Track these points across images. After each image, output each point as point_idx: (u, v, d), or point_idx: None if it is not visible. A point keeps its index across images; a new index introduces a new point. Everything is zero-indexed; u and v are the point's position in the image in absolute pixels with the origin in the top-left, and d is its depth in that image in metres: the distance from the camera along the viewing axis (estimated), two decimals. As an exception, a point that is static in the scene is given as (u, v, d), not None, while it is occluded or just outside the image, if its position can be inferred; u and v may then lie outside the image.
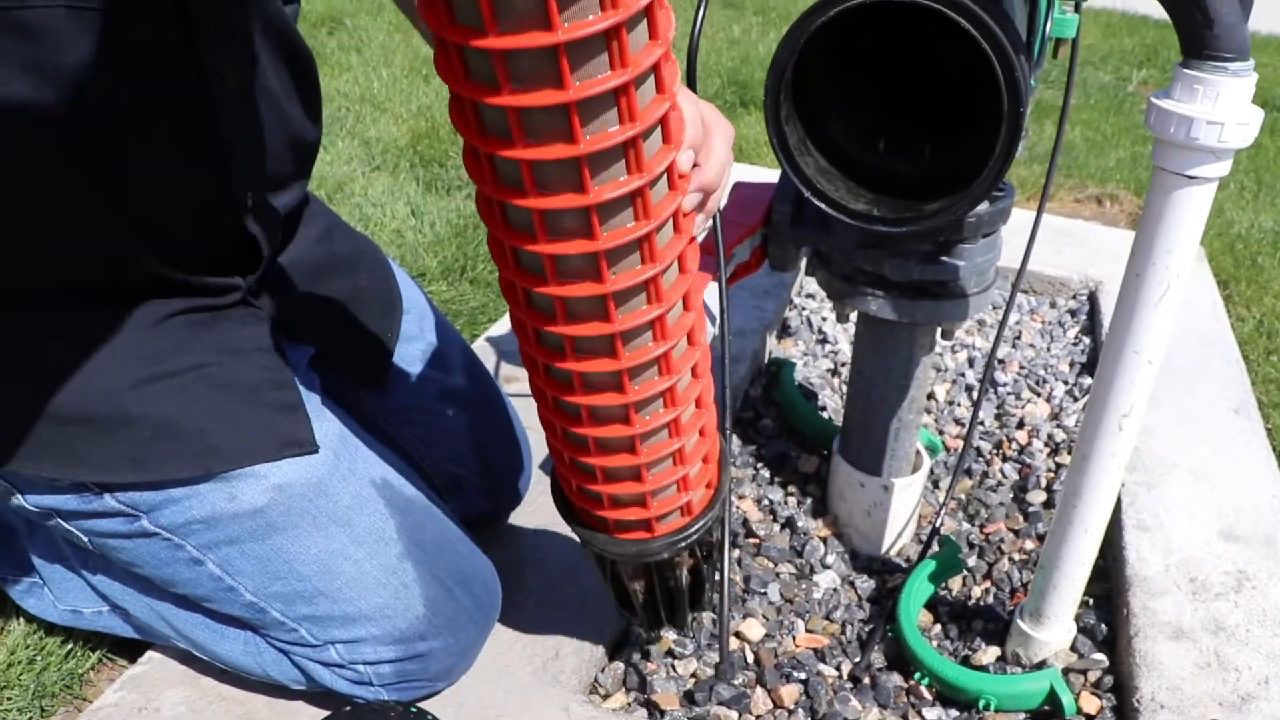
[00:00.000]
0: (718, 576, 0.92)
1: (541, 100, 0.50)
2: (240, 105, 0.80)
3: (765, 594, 1.18)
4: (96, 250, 0.79)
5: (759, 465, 1.40)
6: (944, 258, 1.04)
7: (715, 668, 1.05)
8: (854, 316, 1.16)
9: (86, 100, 0.71)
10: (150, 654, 1.02)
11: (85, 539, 0.88)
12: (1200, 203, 0.79)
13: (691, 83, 0.90)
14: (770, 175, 1.00)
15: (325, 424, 0.89)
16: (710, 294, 1.01)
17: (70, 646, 1.09)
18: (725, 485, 0.83)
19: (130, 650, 1.08)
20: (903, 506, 1.24)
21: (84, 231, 0.78)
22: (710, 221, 0.71)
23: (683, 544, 0.80)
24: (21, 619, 1.11)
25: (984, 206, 1.02)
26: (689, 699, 1.02)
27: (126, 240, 0.79)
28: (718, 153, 0.67)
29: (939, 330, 1.14)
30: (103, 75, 0.70)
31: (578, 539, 0.83)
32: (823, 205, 0.93)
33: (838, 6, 0.82)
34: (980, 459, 1.45)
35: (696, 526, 0.80)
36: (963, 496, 1.37)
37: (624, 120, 0.53)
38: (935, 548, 1.19)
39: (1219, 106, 0.75)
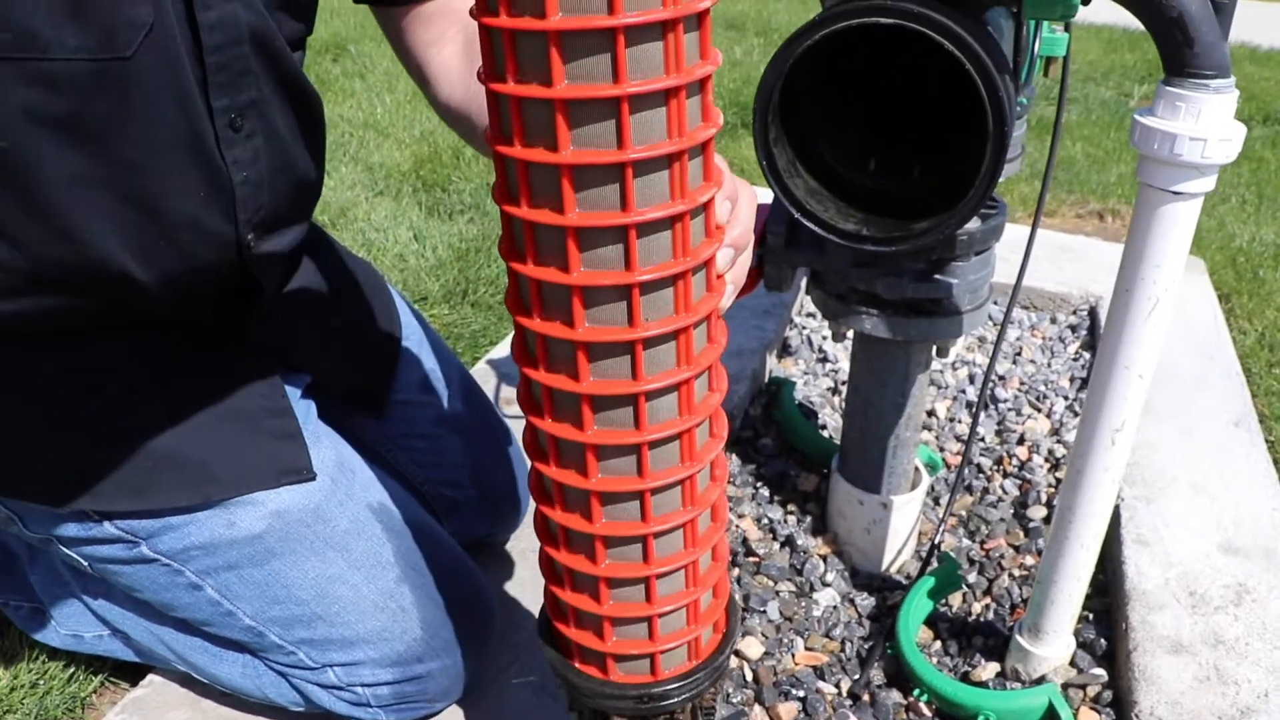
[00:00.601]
0: None
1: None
2: (248, 150, 0.82)
3: (764, 612, 1.18)
4: (99, 291, 0.80)
5: (758, 484, 1.41)
6: (937, 275, 1.05)
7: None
8: (851, 335, 1.17)
9: (100, 148, 0.72)
10: (151, 677, 1.03)
11: (85, 563, 0.89)
12: (1186, 218, 0.80)
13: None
14: (765, 196, 1.00)
15: (323, 451, 0.90)
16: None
17: (72, 670, 1.09)
18: (735, 631, 0.74)
19: (132, 674, 1.09)
20: (902, 523, 1.24)
21: (86, 263, 0.79)
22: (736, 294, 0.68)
23: (689, 692, 0.70)
24: (24, 644, 1.12)
25: (975, 224, 1.03)
26: (688, 718, 1.02)
27: (129, 272, 0.81)
28: (745, 214, 0.67)
29: (934, 348, 1.15)
30: (119, 124, 0.72)
31: (566, 693, 0.74)
32: (812, 226, 0.93)
33: (823, 30, 0.83)
34: (981, 475, 1.45)
35: (704, 672, 0.71)
36: (963, 513, 1.37)
37: (671, 135, 0.51)
38: (934, 564, 1.19)
39: (1201, 123, 0.76)
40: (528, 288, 0.56)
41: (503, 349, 1.64)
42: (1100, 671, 1.08)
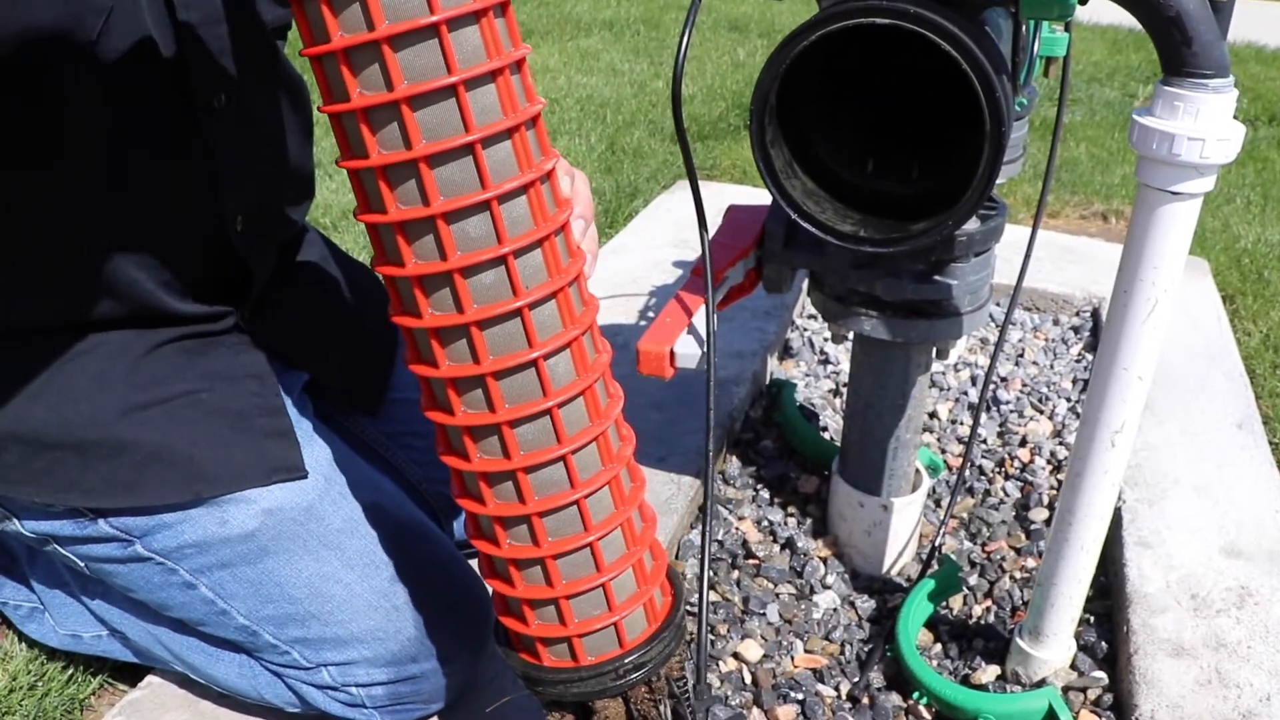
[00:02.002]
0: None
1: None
2: (231, 130, 0.82)
3: (764, 614, 1.18)
4: (89, 278, 0.80)
5: (759, 486, 1.40)
6: (937, 277, 1.05)
7: (693, 689, 1.05)
8: (851, 337, 1.17)
9: (83, 134, 0.72)
10: (150, 678, 1.03)
11: (82, 564, 0.89)
12: (1185, 219, 0.80)
13: (676, 105, 0.92)
14: (763, 198, 1.00)
15: (316, 449, 0.90)
16: (698, 318, 1.01)
17: (71, 672, 1.09)
18: (683, 592, 0.77)
19: (131, 675, 1.09)
20: (903, 526, 1.24)
21: (79, 260, 0.79)
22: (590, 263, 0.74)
23: (659, 653, 0.73)
24: (23, 644, 1.12)
25: (974, 225, 1.02)
26: (685, 720, 1.02)
27: (120, 266, 0.81)
28: (583, 189, 0.74)
29: (934, 349, 1.15)
30: (100, 110, 0.72)
31: (543, 698, 0.75)
32: (810, 227, 0.93)
33: (819, 31, 0.83)
34: (982, 477, 1.45)
35: (668, 631, 0.74)
36: (964, 515, 1.37)
37: (506, 113, 0.57)
38: (935, 566, 1.19)
39: (1200, 122, 0.75)
40: (410, 288, 0.59)
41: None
42: (1101, 674, 1.08)
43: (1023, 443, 1.52)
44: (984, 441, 1.53)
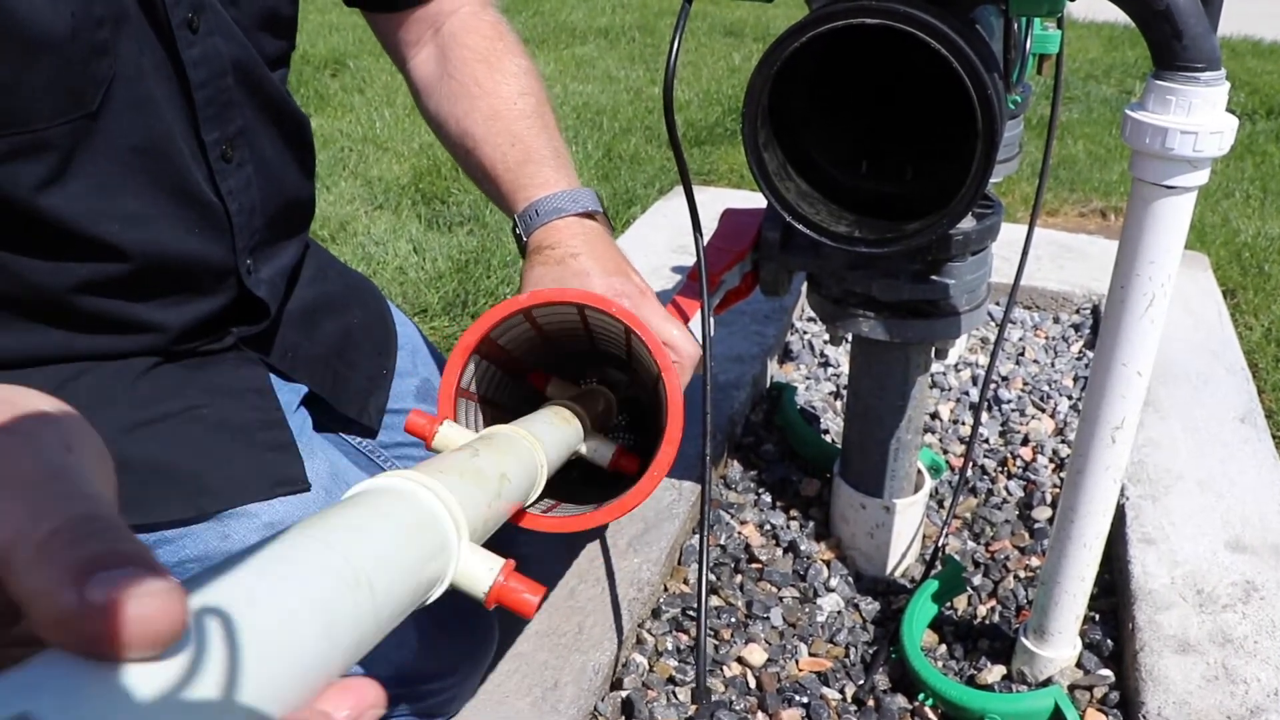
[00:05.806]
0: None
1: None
2: (240, 179, 0.82)
3: (768, 619, 1.17)
4: (99, 329, 0.80)
5: (760, 490, 1.40)
6: (934, 277, 1.05)
7: (692, 693, 1.05)
8: (850, 338, 1.16)
9: (98, 203, 0.72)
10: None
11: (83, 581, 0.89)
12: (1180, 213, 0.80)
13: (669, 109, 0.91)
14: (759, 201, 1.00)
15: (317, 462, 0.90)
16: (695, 322, 1.01)
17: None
18: None
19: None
20: (905, 527, 1.24)
21: (95, 311, 0.79)
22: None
23: None
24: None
25: (970, 224, 1.02)
26: (691, 727, 1.02)
27: (131, 318, 0.81)
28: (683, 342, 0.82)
29: (933, 349, 1.14)
30: (110, 178, 0.72)
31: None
32: (804, 229, 0.93)
33: (810, 32, 0.83)
34: (985, 477, 1.45)
35: None
36: (967, 515, 1.36)
37: None
38: (939, 567, 1.18)
39: (1192, 116, 0.75)
40: None
41: (503, 359, 1.64)
42: (1107, 672, 1.07)
43: (1025, 441, 1.51)
44: (986, 441, 1.52)
